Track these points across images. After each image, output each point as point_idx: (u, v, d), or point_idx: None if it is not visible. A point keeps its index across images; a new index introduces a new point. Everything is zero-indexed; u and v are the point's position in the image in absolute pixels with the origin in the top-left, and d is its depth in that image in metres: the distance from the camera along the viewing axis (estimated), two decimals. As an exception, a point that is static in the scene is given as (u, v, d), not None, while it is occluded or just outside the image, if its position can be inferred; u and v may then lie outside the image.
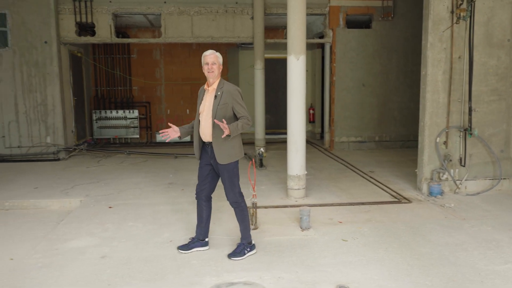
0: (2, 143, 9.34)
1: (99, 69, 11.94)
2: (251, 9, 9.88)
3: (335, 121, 10.27)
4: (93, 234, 4.94)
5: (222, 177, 4.19)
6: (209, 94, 4.13)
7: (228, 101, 4.05)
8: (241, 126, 4.03)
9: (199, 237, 4.44)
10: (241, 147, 4.26)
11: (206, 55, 4.09)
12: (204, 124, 4.12)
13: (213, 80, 4.11)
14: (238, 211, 4.30)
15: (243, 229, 4.34)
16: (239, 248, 4.27)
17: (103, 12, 9.61)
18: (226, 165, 4.11)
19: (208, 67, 4.06)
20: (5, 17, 9.09)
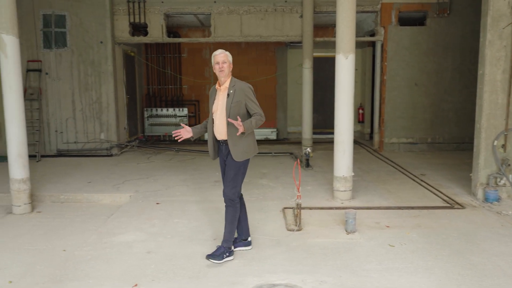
0: (60, 139, 9.81)
1: (151, 68, 12.28)
2: (300, 7, 9.79)
3: (385, 122, 9.99)
4: (140, 229, 5.07)
5: (228, 172, 4.16)
6: (222, 93, 4.14)
7: (241, 98, 4.06)
8: (255, 122, 4.03)
9: (241, 236, 4.43)
10: (255, 144, 4.26)
11: (216, 55, 4.11)
12: (218, 122, 4.13)
13: (224, 79, 4.12)
14: (231, 210, 4.18)
15: (229, 232, 4.19)
16: (219, 251, 4.11)
17: (155, 12, 9.86)
18: (237, 162, 4.10)
19: (219, 66, 4.07)
20: (64, 19, 9.54)
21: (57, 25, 9.54)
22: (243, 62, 12.25)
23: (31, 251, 4.61)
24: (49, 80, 9.65)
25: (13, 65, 5.74)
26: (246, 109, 4.11)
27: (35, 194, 6.46)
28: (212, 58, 4.15)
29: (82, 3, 9.47)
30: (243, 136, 4.03)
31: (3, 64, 5.73)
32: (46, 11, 9.49)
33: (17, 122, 5.80)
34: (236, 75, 13.05)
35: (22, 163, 5.88)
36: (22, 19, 9.40)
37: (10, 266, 4.25)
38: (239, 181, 4.16)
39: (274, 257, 4.26)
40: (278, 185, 7.00)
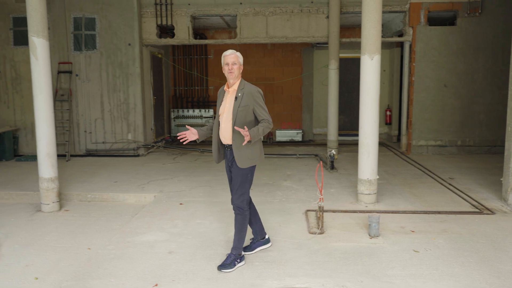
0: (89, 139, 10.03)
1: (177, 70, 12.42)
2: (327, 8, 9.70)
3: (413, 124, 9.78)
4: (163, 229, 5.12)
5: (234, 179, 4.04)
6: (230, 95, 4.00)
7: (249, 103, 3.91)
8: (262, 130, 3.86)
9: (257, 237, 4.41)
10: (261, 151, 4.11)
11: (226, 55, 3.98)
12: (224, 126, 3.99)
13: (234, 81, 3.99)
14: (240, 218, 4.08)
15: (238, 239, 4.11)
16: (229, 259, 4.04)
17: (182, 14, 9.96)
18: (242, 168, 3.97)
19: (229, 67, 3.94)
20: (94, 22, 9.75)
21: (87, 28, 9.76)
22: (269, 64, 12.25)
23: (57, 249, 4.72)
24: (79, 82, 9.88)
25: (43, 67, 5.90)
26: (253, 114, 3.95)
27: (63, 192, 6.63)
28: (222, 59, 4.00)
29: (111, 6, 9.65)
30: (249, 145, 3.90)
31: (33, 66, 5.90)
32: (77, 14, 9.72)
33: (46, 122, 5.95)
34: (262, 77, 13.12)
35: (50, 163, 6.03)
36: (54, 22, 9.67)
37: (37, 262, 4.37)
38: (246, 188, 4.04)
39: (295, 260, 4.22)
40: (301, 187, 6.94)
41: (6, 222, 5.63)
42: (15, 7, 9.64)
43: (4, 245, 4.85)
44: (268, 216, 5.52)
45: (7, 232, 5.25)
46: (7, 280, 3.98)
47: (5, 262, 4.40)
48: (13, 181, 7.40)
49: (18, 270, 4.21)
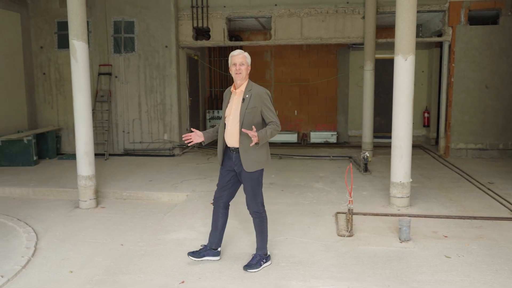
0: (127, 139, 10.33)
1: (213, 71, 12.59)
2: (363, 8, 9.57)
3: (452, 126, 9.48)
4: (193, 227, 5.21)
5: (245, 185, 3.94)
6: (237, 97, 3.91)
7: (257, 104, 3.82)
8: (270, 133, 3.76)
9: (211, 245, 4.22)
10: (268, 154, 4.00)
11: (234, 55, 3.88)
12: (230, 128, 3.89)
13: (241, 82, 3.90)
14: (258, 221, 4.04)
15: (261, 241, 4.09)
16: (255, 260, 4.03)
17: (217, 17, 10.09)
18: (251, 173, 3.87)
19: (236, 68, 3.85)
20: (133, 25, 10.04)
21: (126, 31, 10.06)
22: (304, 65, 12.21)
23: (92, 244, 4.90)
24: (118, 83, 10.20)
25: (82, 69, 6.14)
26: (261, 116, 3.86)
27: (100, 190, 6.86)
28: (229, 59, 3.91)
29: (149, 10, 9.91)
30: (257, 147, 3.79)
31: (73, 68, 6.15)
32: (116, 18, 10.04)
33: (85, 122, 6.19)
34: (297, 78, 13.10)
35: (88, 161, 6.27)
36: (96, 26, 10.04)
37: (72, 257, 4.55)
38: (259, 192, 3.98)
39: (321, 262, 4.20)
40: (333, 189, 6.88)
41: (46, 217, 5.89)
42: (60, 12, 10.08)
43: (43, 239, 5.08)
44: (298, 218, 5.52)
45: (47, 227, 5.49)
46: (44, 273, 4.18)
47: (43, 255, 4.61)
48: (54, 178, 7.73)
49: (55, 263, 4.40)
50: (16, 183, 7.38)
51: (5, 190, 7.13)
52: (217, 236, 4.20)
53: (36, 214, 6.02)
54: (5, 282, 3.96)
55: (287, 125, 12.46)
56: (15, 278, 4.07)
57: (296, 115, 12.40)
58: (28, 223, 5.62)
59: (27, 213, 6.09)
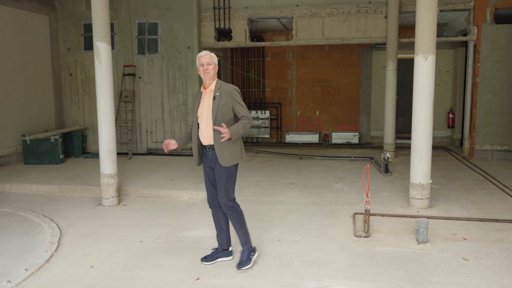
0: (150, 138, 10.52)
1: (235, 72, 12.68)
2: (385, 7, 9.48)
3: (477, 127, 9.29)
4: (210, 226, 5.26)
5: (219, 180, 4.01)
6: (207, 96, 3.99)
7: (228, 101, 3.91)
8: (242, 127, 3.87)
9: (222, 247, 4.28)
10: (242, 148, 4.09)
11: (201, 56, 3.97)
12: (204, 127, 3.98)
13: (210, 82, 3.97)
14: (235, 216, 4.08)
15: (243, 235, 4.13)
16: (245, 256, 4.10)
17: (239, 18, 10.17)
18: (227, 167, 3.96)
19: (204, 68, 3.93)
20: (156, 26, 10.22)
21: (150, 33, 10.25)
22: (325, 65, 12.16)
23: (113, 240, 5.03)
24: (142, 84, 10.40)
25: (106, 70, 6.30)
26: (233, 112, 3.96)
27: (122, 188, 7.02)
28: (196, 60, 4.01)
29: (173, 12, 10.07)
30: (230, 142, 3.88)
31: (97, 69, 6.32)
32: (140, 19, 10.24)
33: (108, 121, 6.35)
34: (319, 78, 13.04)
35: (110, 159, 6.42)
36: (120, 28, 10.26)
37: (93, 252, 4.69)
38: (232, 186, 4.06)
39: (336, 262, 4.21)
40: (352, 190, 6.85)
41: (70, 214, 6.07)
42: (86, 14, 10.35)
43: (66, 234, 5.25)
44: (315, 218, 5.52)
45: (70, 223, 5.67)
46: (66, 267, 4.32)
47: (65, 250, 4.76)
48: (79, 176, 7.94)
49: (76, 258, 4.54)
50: (43, 181, 7.63)
51: (32, 187, 7.38)
52: (224, 236, 4.28)
53: (60, 211, 6.22)
54: (29, 275, 4.12)
55: (309, 125, 12.44)
56: (38, 271, 4.23)
57: (317, 116, 12.37)
58: (53, 219, 5.81)
59: (52, 209, 6.29)
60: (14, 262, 4.40)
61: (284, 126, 12.57)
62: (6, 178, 7.85)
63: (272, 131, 12.53)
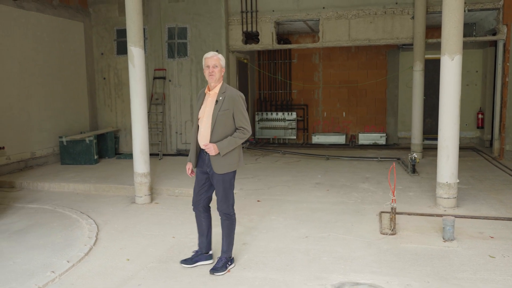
0: (179, 139, 10.82)
1: (262, 74, 12.86)
2: (412, 8, 9.49)
3: (507, 127, 9.17)
4: (239, 223, 5.44)
5: (217, 187, 3.95)
6: (210, 98, 3.90)
7: (230, 107, 3.82)
8: (235, 142, 3.82)
9: (202, 250, 4.24)
10: (241, 156, 4.02)
11: (208, 58, 3.86)
12: (203, 130, 3.90)
13: (215, 84, 3.88)
14: (228, 224, 4.05)
15: (228, 244, 4.08)
16: (221, 263, 4.03)
17: (266, 21, 10.35)
18: (223, 175, 3.90)
19: (209, 70, 3.83)
20: (186, 31, 10.52)
21: (180, 37, 10.55)
22: (352, 66, 12.21)
23: (147, 236, 5.27)
24: (172, 87, 10.71)
25: (139, 73, 6.58)
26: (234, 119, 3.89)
27: (154, 187, 7.29)
28: (203, 61, 3.91)
29: (202, 16, 10.34)
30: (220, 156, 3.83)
31: (131, 73, 6.61)
32: (170, 24, 10.56)
33: (141, 123, 6.62)
34: (345, 80, 13.12)
35: (143, 159, 6.70)
36: (151, 32, 10.60)
37: (129, 246, 4.94)
38: (231, 194, 4.01)
39: (362, 258, 4.32)
40: (379, 190, 6.92)
41: (106, 211, 6.36)
42: (119, 20, 10.74)
43: (103, 230, 5.52)
44: (341, 216, 5.63)
45: (106, 220, 5.95)
46: (105, 259, 4.58)
47: (103, 244, 5.03)
48: (113, 176, 8.27)
49: (114, 251, 4.80)
50: (79, 180, 7.98)
51: (69, 186, 7.74)
52: (204, 240, 4.23)
53: (96, 208, 6.52)
54: (70, 266, 4.39)
55: (335, 126, 12.51)
56: (79, 263, 4.49)
57: (344, 117, 12.42)
58: (90, 216, 6.10)
59: (89, 207, 6.60)
60: (56, 255, 4.68)
61: (311, 128, 12.68)
62: (45, 177, 8.25)
63: (299, 132, 12.65)
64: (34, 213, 6.29)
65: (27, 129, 9.10)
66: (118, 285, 3.97)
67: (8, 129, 8.63)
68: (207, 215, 4.21)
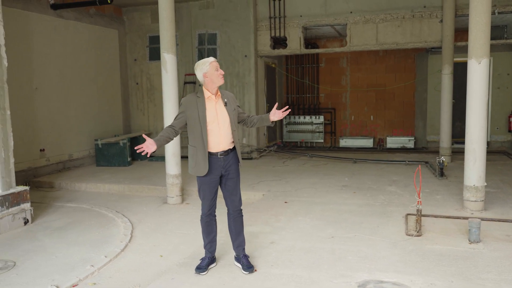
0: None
1: (290, 78, 13.02)
2: (440, 11, 9.47)
3: (539, 131, 9.02)
4: (267, 223, 5.64)
5: (236, 184, 4.13)
6: (217, 102, 3.99)
7: (235, 106, 4.11)
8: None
9: (213, 254, 4.35)
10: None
11: (213, 61, 3.96)
12: (222, 132, 3.97)
13: (217, 87, 4.00)
14: (241, 220, 4.29)
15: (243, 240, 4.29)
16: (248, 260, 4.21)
17: (294, 26, 10.52)
18: (238, 170, 4.14)
19: (220, 72, 3.96)
20: (215, 37, 10.80)
21: (209, 43, 10.85)
22: (380, 70, 12.23)
23: (179, 234, 5.52)
24: (201, 91, 10.98)
25: (171, 78, 6.87)
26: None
27: (185, 188, 7.54)
28: (208, 65, 3.93)
29: (231, 22, 10.60)
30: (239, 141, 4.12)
31: (164, 78, 6.90)
32: (201, 31, 10.86)
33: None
34: (373, 83, 13.12)
35: (175, 161, 6.97)
36: (182, 39, 10.94)
37: (162, 244, 5.19)
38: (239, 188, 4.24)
39: (387, 258, 4.42)
40: (405, 192, 6.96)
41: (139, 211, 6.65)
42: (151, 27, 11.12)
43: (137, 228, 5.80)
44: (367, 218, 5.73)
45: (140, 219, 6.23)
46: (139, 255, 4.84)
47: (137, 242, 5.30)
48: (145, 177, 8.59)
49: (147, 248, 5.06)
50: (114, 181, 8.33)
51: (105, 186, 8.10)
52: (215, 244, 4.35)
53: (130, 208, 6.82)
54: (108, 261, 4.66)
55: (363, 130, 12.53)
56: (115, 258, 4.77)
57: (372, 120, 12.43)
58: (125, 214, 6.41)
59: (123, 206, 6.91)
60: (94, 250, 4.98)
61: (338, 131, 12.74)
62: (82, 178, 8.65)
63: (326, 135, 12.74)
64: (72, 211, 6.65)
65: (65, 132, 9.56)
66: (152, 279, 4.21)
67: (48, 132, 9.09)
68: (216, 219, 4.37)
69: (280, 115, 4.03)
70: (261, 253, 4.61)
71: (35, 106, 8.78)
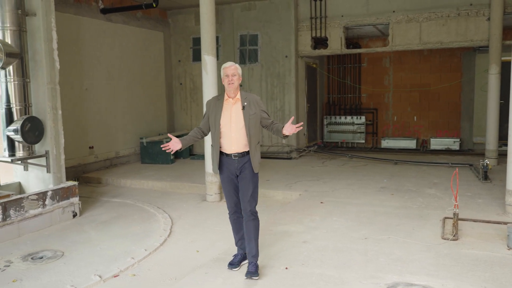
0: (249, 142, 11.25)
1: (331, 78, 12.98)
2: (488, 9, 9.16)
3: None
4: (301, 222, 5.72)
5: (247, 187, 4.12)
6: (234, 105, 4.09)
7: (256, 110, 4.08)
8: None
9: (244, 250, 4.37)
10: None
11: (226, 67, 4.07)
12: (234, 135, 4.06)
13: (235, 92, 4.08)
14: (256, 223, 4.20)
15: (257, 246, 4.19)
16: (254, 267, 4.15)
17: (335, 26, 10.50)
18: (255, 174, 4.14)
19: (229, 79, 4.02)
20: (257, 38, 10.96)
21: (251, 44, 11.02)
22: (424, 70, 11.96)
23: (216, 231, 5.72)
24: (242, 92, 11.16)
25: (211, 80, 7.08)
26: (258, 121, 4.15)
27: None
28: (221, 71, 4.11)
29: (272, 23, 10.72)
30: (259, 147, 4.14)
31: (204, 79, 7.12)
32: (242, 32, 11.05)
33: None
34: (417, 83, 12.88)
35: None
36: (224, 40, 11.17)
37: (199, 239, 5.40)
38: (257, 193, 4.22)
39: (420, 260, 4.39)
40: (446, 196, 6.82)
41: (179, 207, 6.92)
42: (195, 29, 11.42)
43: (177, 224, 6.05)
44: (403, 220, 5.69)
45: (180, 215, 6.49)
46: (177, 250, 5.08)
47: (176, 237, 5.54)
48: (186, 175, 8.88)
49: (185, 243, 5.28)
50: (157, 178, 8.67)
51: (148, 183, 8.45)
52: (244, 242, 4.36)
53: (171, 204, 7.10)
54: (147, 254, 4.92)
55: (406, 131, 12.31)
56: (154, 252, 5.02)
57: (415, 121, 12.18)
58: (165, 210, 6.69)
59: (165, 202, 7.20)
60: (135, 244, 5.25)
61: (380, 132, 12.57)
62: (127, 175, 9.06)
63: (368, 136, 12.60)
64: (117, 206, 7.01)
65: (112, 130, 10.03)
66: (187, 272, 4.41)
67: (97, 130, 9.58)
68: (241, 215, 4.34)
69: (293, 129, 4.00)
70: (293, 252, 4.71)
71: (85, 106, 9.28)
